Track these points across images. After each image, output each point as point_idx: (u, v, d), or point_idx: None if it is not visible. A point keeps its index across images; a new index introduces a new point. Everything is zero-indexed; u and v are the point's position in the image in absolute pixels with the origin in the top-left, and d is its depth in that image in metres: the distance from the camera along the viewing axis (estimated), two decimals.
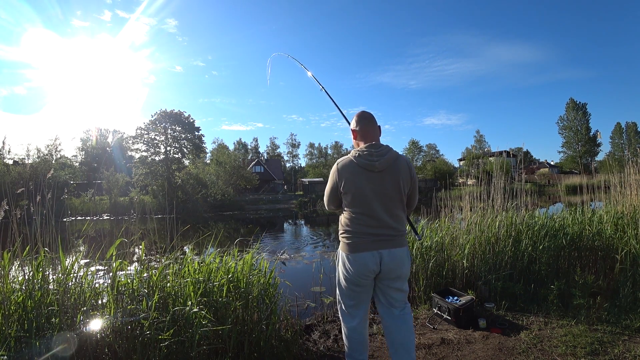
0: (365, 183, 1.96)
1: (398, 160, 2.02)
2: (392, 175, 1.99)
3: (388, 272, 1.98)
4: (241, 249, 3.18)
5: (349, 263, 1.99)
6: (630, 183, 4.71)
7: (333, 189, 2.06)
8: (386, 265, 1.96)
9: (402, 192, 2.01)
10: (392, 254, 1.97)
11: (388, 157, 1.98)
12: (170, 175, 29.69)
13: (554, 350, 2.68)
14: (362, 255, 1.96)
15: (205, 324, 2.23)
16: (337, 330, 3.28)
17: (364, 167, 1.97)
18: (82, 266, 2.34)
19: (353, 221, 1.99)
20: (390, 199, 1.99)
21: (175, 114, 31.01)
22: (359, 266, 1.97)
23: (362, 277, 1.99)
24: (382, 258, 1.95)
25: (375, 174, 1.96)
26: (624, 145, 56.81)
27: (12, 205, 2.19)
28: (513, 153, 20.89)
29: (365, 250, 1.95)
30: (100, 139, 50.11)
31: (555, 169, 54.57)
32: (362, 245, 1.96)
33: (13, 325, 1.96)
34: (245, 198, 34.19)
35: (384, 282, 2.03)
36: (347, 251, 2.00)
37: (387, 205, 1.98)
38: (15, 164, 23.87)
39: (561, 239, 4.17)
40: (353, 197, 1.98)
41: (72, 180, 30.89)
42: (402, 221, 2.05)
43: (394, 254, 1.97)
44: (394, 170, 1.99)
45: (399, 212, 2.03)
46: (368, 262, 1.95)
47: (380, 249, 1.95)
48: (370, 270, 1.97)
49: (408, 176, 2.04)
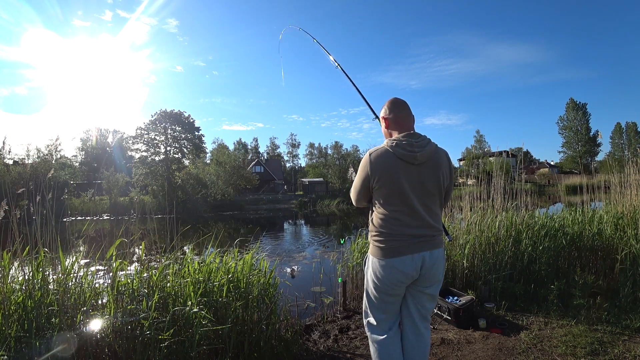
0: (404, 177, 1.73)
1: (438, 152, 1.83)
2: (432, 168, 1.78)
3: (426, 277, 1.79)
4: (241, 249, 3.18)
5: (383, 269, 1.76)
6: (630, 183, 4.71)
7: (364, 183, 1.81)
8: (426, 269, 1.76)
9: (441, 187, 1.82)
10: (433, 256, 1.77)
11: (429, 149, 1.77)
12: (170, 175, 29.69)
13: (554, 350, 2.67)
14: (400, 260, 1.73)
15: (205, 324, 2.23)
16: (337, 330, 3.28)
17: (402, 159, 1.73)
18: (82, 266, 2.34)
19: (388, 221, 1.75)
20: (430, 195, 1.78)
21: (175, 114, 31.02)
22: (396, 272, 1.74)
23: (398, 285, 1.79)
24: (424, 261, 1.74)
25: (415, 166, 1.74)
26: (624, 145, 56.81)
27: (12, 205, 2.19)
28: (513, 153, 20.88)
29: (404, 254, 1.73)
30: (100, 139, 50.11)
31: (555, 169, 54.53)
32: (400, 249, 1.73)
33: (13, 325, 1.96)
34: (245, 198, 34.19)
35: (418, 287, 1.83)
36: (381, 256, 1.76)
37: (426, 202, 1.77)
38: (15, 164, 23.86)
39: (561, 239, 4.17)
40: (389, 193, 1.74)
41: (72, 180, 30.93)
42: (440, 219, 1.86)
43: (435, 256, 1.78)
44: (435, 163, 1.79)
45: (437, 210, 1.84)
46: (407, 268, 1.73)
47: (421, 251, 1.74)
48: (409, 277, 1.76)
49: (448, 170, 1.86)
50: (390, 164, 1.74)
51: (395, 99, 1.93)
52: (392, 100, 1.94)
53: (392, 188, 1.74)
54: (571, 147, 56.25)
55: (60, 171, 28.20)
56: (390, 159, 1.74)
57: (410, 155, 1.73)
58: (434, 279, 1.82)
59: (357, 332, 3.24)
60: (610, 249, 4.06)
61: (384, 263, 1.76)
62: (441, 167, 1.81)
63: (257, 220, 21.68)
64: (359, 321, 3.49)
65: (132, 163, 33.65)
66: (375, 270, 1.79)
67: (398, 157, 1.73)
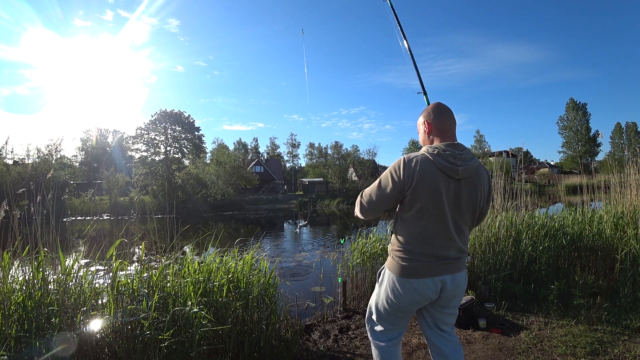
0: (443, 191, 1.55)
1: (480, 169, 1.65)
2: (470, 186, 1.61)
3: (446, 299, 1.67)
4: (241, 249, 3.18)
5: (401, 289, 1.62)
6: (630, 183, 4.70)
7: (394, 191, 1.58)
8: (447, 292, 1.63)
9: (477, 207, 1.66)
10: (455, 280, 1.64)
11: (472, 164, 1.60)
12: (170, 175, 29.70)
13: (554, 350, 2.68)
14: (421, 282, 1.59)
15: (205, 324, 2.23)
16: (337, 330, 3.28)
17: (442, 170, 1.55)
18: (82, 266, 2.34)
19: (416, 238, 1.59)
20: (463, 214, 1.62)
21: (175, 114, 31.03)
22: (415, 294, 1.62)
23: (414, 306, 1.68)
24: (444, 285, 1.61)
25: (454, 181, 1.57)
26: (624, 145, 56.77)
27: (13, 205, 2.19)
28: (513, 153, 20.88)
29: (426, 277, 1.59)
30: (100, 139, 50.07)
31: (555, 169, 54.59)
32: (423, 270, 1.59)
33: (13, 325, 1.96)
34: (245, 198, 34.17)
35: (436, 307, 1.72)
36: (401, 274, 1.61)
37: (458, 222, 1.61)
38: (15, 164, 23.87)
39: (561, 239, 4.17)
40: (423, 206, 1.55)
41: (72, 180, 30.90)
42: (467, 241, 1.71)
43: (457, 279, 1.65)
44: (475, 181, 1.63)
45: (467, 231, 1.69)
46: (427, 291, 1.60)
47: (442, 274, 1.60)
48: (427, 299, 1.65)
49: (487, 191, 1.71)
50: (431, 174, 1.54)
51: (440, 104, 1.76)
52: (437, 104, 1.76)
53: (427, 202, 1.55)
54: (571, 147, 56.25)
55: (60, 171, 28.16)
56: (431, 168, 1.55)
57: (452, 168, 1.55)
58: (454, 300, 1.71)
59: (357, 332, 3.24)
60: (610, 249, 4.06)
61: (402, 282, 1.62)
62: (481, 186, 1.65)
63: (257, 220, 21.69)
64: (359, 321, 3.49)
65: (132, 163, 33.66)
66: (392, 288, 1.65)
67: (438, 167, 1.55)
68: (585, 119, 54.84)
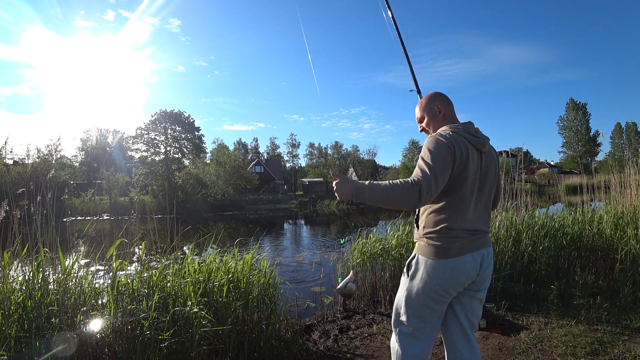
0: (475, 164, 1.55)
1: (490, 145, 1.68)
2: (490, 160, 1.62)
3: (482, 277, 1.60)
4: (241, 250, 3.18)
5: (443, 271, 1.51)
6: (630, 183, 4.70)
7: (447, 168, 1.46)
8: (484, 269, 1.58)
9: (496, 180, 1.68)
10: (489, 255, 1.61)
11: (487, 139, 1.63)
12: (170, 175, 29.70)
13: (554, 350, 2.68)
14: (461, 259, 1.51)
15: (205, 324, 2.23)
16: (337, 330, 3.28)
17: (473, 144, 1.56)
18: (82, 266, 2.35)
19: (450, 214, 1.52)
20: (489, 187, 1.63)
21: (175, 114, 31.04)
22: (457, 274, 1.51)
23: (456, 289, 1.56)
24: (483, 260, 1.56)
25: (481, 155, 1.59)
26: (624, 145, 56.80)
27: (13, 205, 2.19)
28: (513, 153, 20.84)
29: (466, 253, 1.52)
30: (100, 139, 50.06)
31: (555, 169, 54.56)
32: (461, 247, 1.52)
33: (13, 325, 1.96)
34: (245, 198, 34.16)
35: (470, 292, 1.62)
36: (440, 256, 1.51)
37: (484, 195, 1.61)
38: (15, 164, 23.87)
39: (561, 239, 4.17)
40: (458, 182, 1.53)
41: (72, 180, 30.92)
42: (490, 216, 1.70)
43: (490, 255, 1.62)
44: (492, 154, 1.66)
45: (490, 205, 1.69)
46: (469, 267, 1.53)
47: (479, 248, 1.56)
48: (470, 278, 1.55)
49: (499, 166, 1.73)
50: (466, 147, 1.52)
51: (444, 94, 1.76)
52: (442, 94, 1.76)
53: (462, 177, 1.51)
54: (571, 147, 56.28)
55: (60, 171, 28.18)
56: (464, 142, 1.53)
57: (480, 141, 1.57)
58: (487, 280, 1.65)
59: (357, 332, 3.24)
60: (610, 249, 4.06)
61: (442, 264, 1.51)
62: (496, 160, 1.68)
63: (257, 220, 21.68)
64: (359, 321, 3.49)
65: (132, 163, 33.67)
66: (431, 273, 1.53)
67: (469, 141, 1.55)
68: (585, 119, 54.86)
